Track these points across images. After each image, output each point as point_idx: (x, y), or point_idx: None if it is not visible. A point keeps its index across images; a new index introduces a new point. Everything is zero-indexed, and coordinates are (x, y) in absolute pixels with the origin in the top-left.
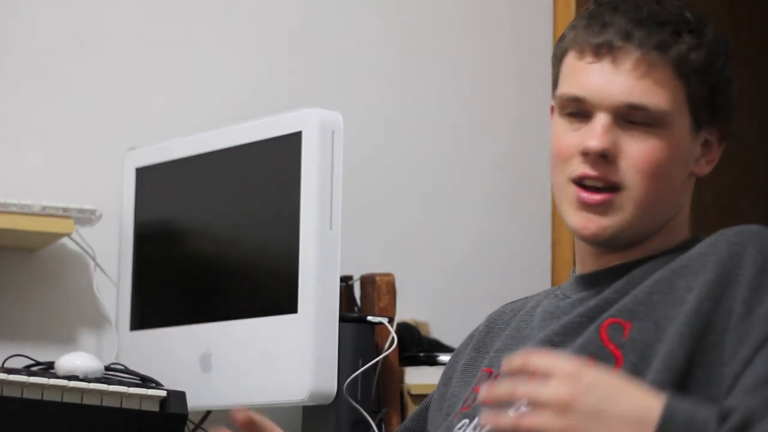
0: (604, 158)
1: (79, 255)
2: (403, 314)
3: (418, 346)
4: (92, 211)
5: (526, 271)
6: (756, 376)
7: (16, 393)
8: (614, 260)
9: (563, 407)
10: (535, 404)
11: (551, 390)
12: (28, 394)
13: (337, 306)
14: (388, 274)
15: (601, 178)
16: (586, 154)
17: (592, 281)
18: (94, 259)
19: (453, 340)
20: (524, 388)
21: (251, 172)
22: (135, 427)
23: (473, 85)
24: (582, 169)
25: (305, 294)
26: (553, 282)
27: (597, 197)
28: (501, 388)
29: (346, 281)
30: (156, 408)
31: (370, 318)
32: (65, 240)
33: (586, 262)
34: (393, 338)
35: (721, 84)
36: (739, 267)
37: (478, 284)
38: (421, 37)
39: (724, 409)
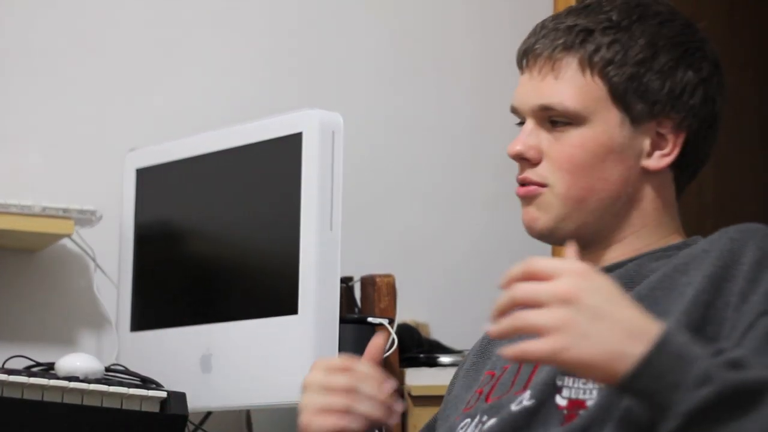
0: (526, 161)
1: (80, 256)
2: (403, 315)
3: (418, 348)
4: (92, 212)
5: None
6: (748, 348)
7: (16, 394)
8: (604, 260)
9: (565, 301)
10: (536, 304)
11: (555, 285)
12: (29, 395)
13: (338, 307)
14: (389, 275)
15: (527, 181)
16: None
17: None
18: (94, 259)
19: (453, 341)
20: (524, 288)
21: (251, 173)
22: (135, 428)
23: (473, 86)
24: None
25: (305, 295)
26: None
27: (525, 189)
28: (500, 299)
29: (346, 282)
30: (156, 409)
31: (370, 319)
32: (65, 241)
33: None
34: (393, 339)
35: (649, 74)
36: (739, 261)
37: (478, 285)
38: (421, 38)
39: (718, 348)
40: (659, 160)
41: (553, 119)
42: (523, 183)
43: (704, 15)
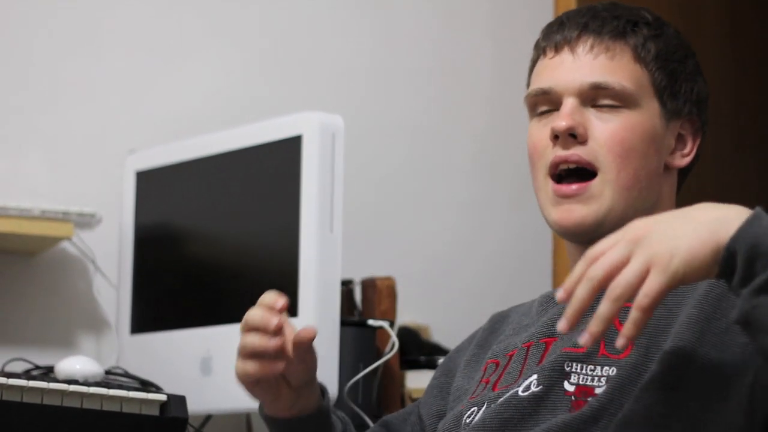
0: (573, 137)
1: (79, 259)
2: (403, 318)
3: (418, 350)
4: (92, 215)
5: (527, 275)
6: None
7: (15, 397)
8: None
9: (637, 241)
10: (616, 264)
11: (619, 243)
12: (28, 399)
13: (338, 310)
14: (389, 278)
15: (575, 160)
16: (556, 137)
17: None
18: (93, 262)
19: (453, 343)
20: (597, 265)
21: (251, 175)
22: (135, 431)
23: (477, 88)
24: (555, 153)
25: (306, 297)
26: (554, 285)
27: (573, 187)
28: (577, 290)
29: (346, 285)
30: (156, 412)
31: (370, 322)
32: (65, 244)
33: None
34: (394, 342)
35: (683, 75)
36: None
37: (478, 288)
38: (422, 40)
39: None
40: (681, 159)
41: (602, 101)
42: (568, 161)
43: (706, 14)
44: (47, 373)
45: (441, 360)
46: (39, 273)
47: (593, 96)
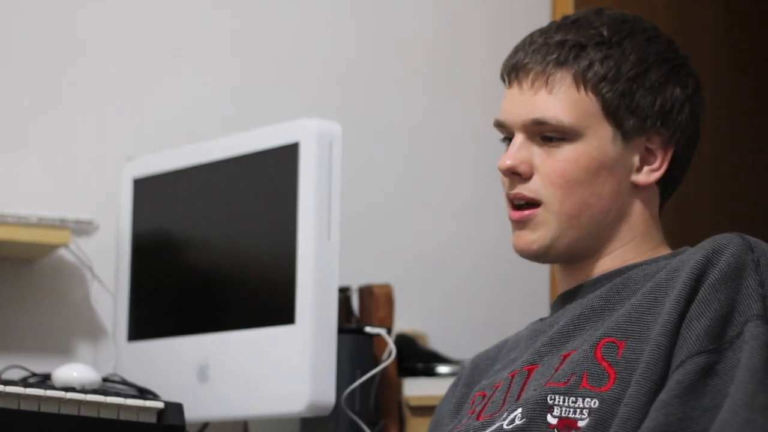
0: (518, 176)
1: (76, 266)
2: (401, 325)
3: (416, 358)
4: (89, 222)
5: (525, 282)
6: (659, 399)
7: (12, 405)
8: (589, 275)
9: None
10: None
11: None
12: (25, 406)
13: (335, 317)
14: (386, 285)
15: (520, 197)
16: (504, 174)
17: (574, 295)
18: (91, 269)
19: (451, 351)
20: None
21: (249, 182)
22: None
23: (471, 95)
24: (506, 188)
25: (303, 305)
26: (551, 294)
27: (521, 213)
28: None
29: (343, 292)
30: (153, 420)
31: (368, 329)
32: (62, 251)
33: (563, 282)
34: (391, 349)
35: (642, 90)
36: (703, 281)
37: (476, 295)
38: (419, 46)
39: None
40: (648, 175)
41: (546, 134)
42: (515, 199)
43: (702, 17)
44: (44, 380)
45: (439, 368)
46: (36, 280)
47: (537, 131)
